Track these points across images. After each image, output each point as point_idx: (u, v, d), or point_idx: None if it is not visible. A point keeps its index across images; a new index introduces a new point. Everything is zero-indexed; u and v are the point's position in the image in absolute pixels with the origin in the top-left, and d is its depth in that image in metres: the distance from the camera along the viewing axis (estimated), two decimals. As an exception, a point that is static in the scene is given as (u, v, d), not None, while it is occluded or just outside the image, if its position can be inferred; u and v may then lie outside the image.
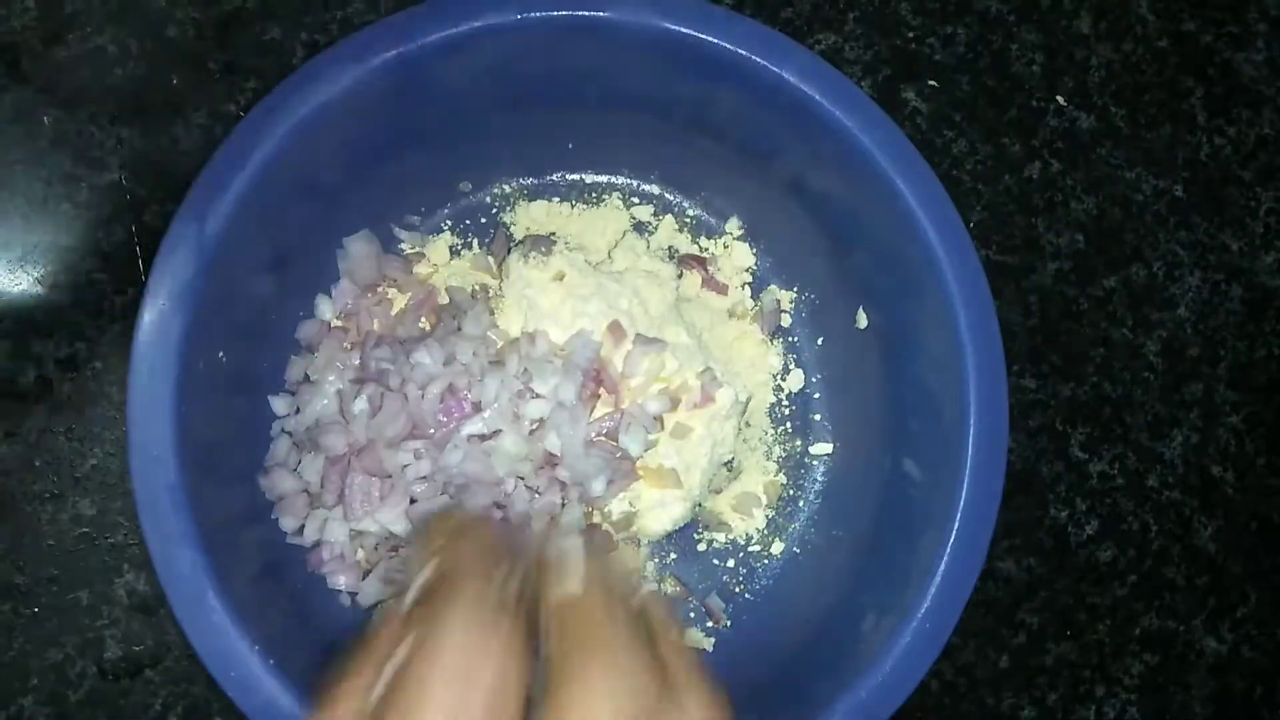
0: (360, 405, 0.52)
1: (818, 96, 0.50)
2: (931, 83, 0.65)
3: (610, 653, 0.32)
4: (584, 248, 0.60)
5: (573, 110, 0.56)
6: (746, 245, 0.61)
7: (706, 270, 0.60)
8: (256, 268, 0.51)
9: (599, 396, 0.54)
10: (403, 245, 0.59)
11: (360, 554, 0.53)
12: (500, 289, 0.57)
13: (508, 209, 0.61)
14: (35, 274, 0.59)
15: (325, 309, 0.56)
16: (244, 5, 0.62)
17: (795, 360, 0.61)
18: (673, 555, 0.58)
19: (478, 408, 0.52)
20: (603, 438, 0.53)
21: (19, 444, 0.57)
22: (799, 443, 0.60)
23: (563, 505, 0.52)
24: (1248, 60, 0.68)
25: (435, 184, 0.59)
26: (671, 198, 0.62)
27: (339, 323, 0.56)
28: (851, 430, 0.59)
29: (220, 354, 0.49)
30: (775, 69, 0.50)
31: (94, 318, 0.59)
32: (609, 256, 0.60)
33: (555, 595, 0.34)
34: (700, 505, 0.57)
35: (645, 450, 0.53)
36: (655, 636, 0.35)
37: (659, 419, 0.54)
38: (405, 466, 0.52)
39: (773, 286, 0.61)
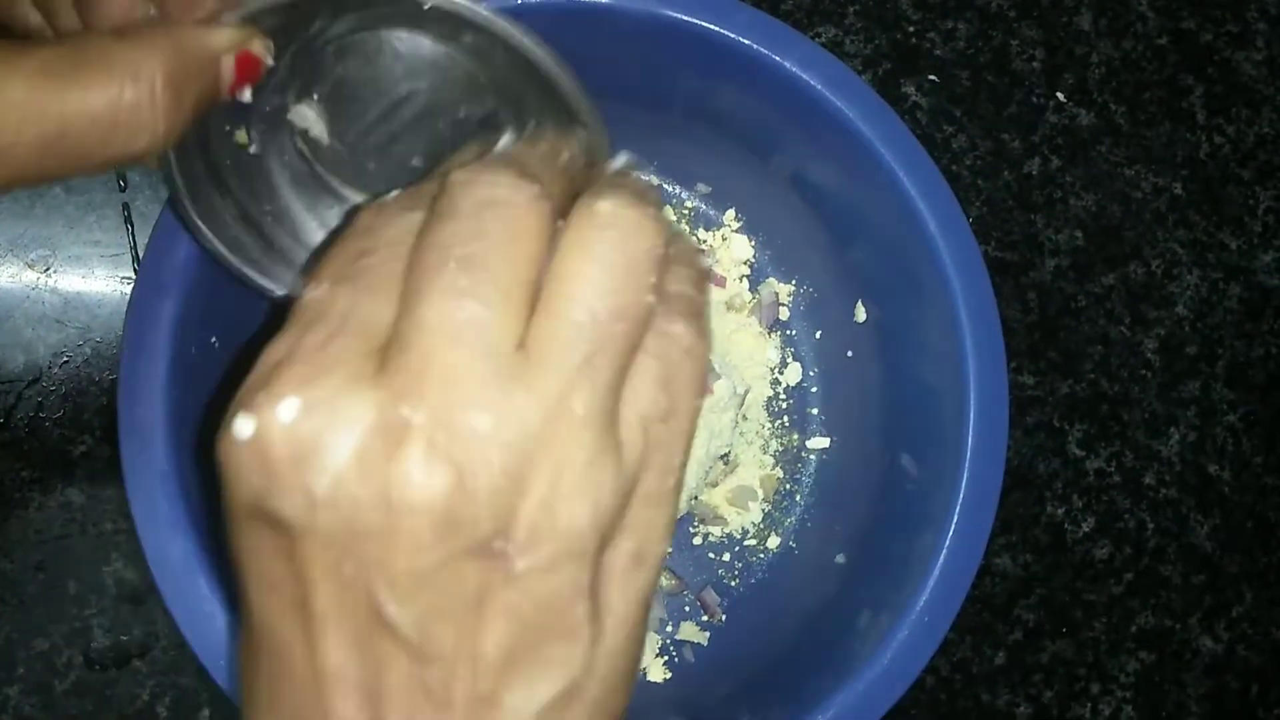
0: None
1: (820, 86, 0.50)
2: (931, 77, 0.65)
3: None
4: (582, 238, 0.59)
5: (571, 99, 0.56)
6: (745, 237, 0.61)
7: (705, 262, 0.60)
8: (251, 253, 0.51)
9: (596, 387, 0.53)
10: (399, 234, 0.58)
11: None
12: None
13: (505, 199, 0.60)
14: (26, 259, 0.59)
15: (320, 297, 0.55)
16: (240, -10, 0.61)
17: (793, 354, 0.60)
18: (668, 548, 0.58)
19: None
20: (599, 428, 0.53)
21: (8, 430, 0.57)
22: (796, 436, 0.60)
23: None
24: (1247, 59, 0.68)
25: (432, 172, 0.59)
26: (670, 189, 0.61)
27: (334, 311, 0.56)
28: (849, 425, 0.59)
29: (213, 339, 0.48)
30: (777, 58, 0.50)
31: (85, 303, 0.58)
32: (607, 247, 0.59)
33: None
34: (696, 498, 0.57)
35: (642, 441, 0.53)
36: None
37: (656, 410, 0.53)
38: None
39: (771, 279, 0.61)
